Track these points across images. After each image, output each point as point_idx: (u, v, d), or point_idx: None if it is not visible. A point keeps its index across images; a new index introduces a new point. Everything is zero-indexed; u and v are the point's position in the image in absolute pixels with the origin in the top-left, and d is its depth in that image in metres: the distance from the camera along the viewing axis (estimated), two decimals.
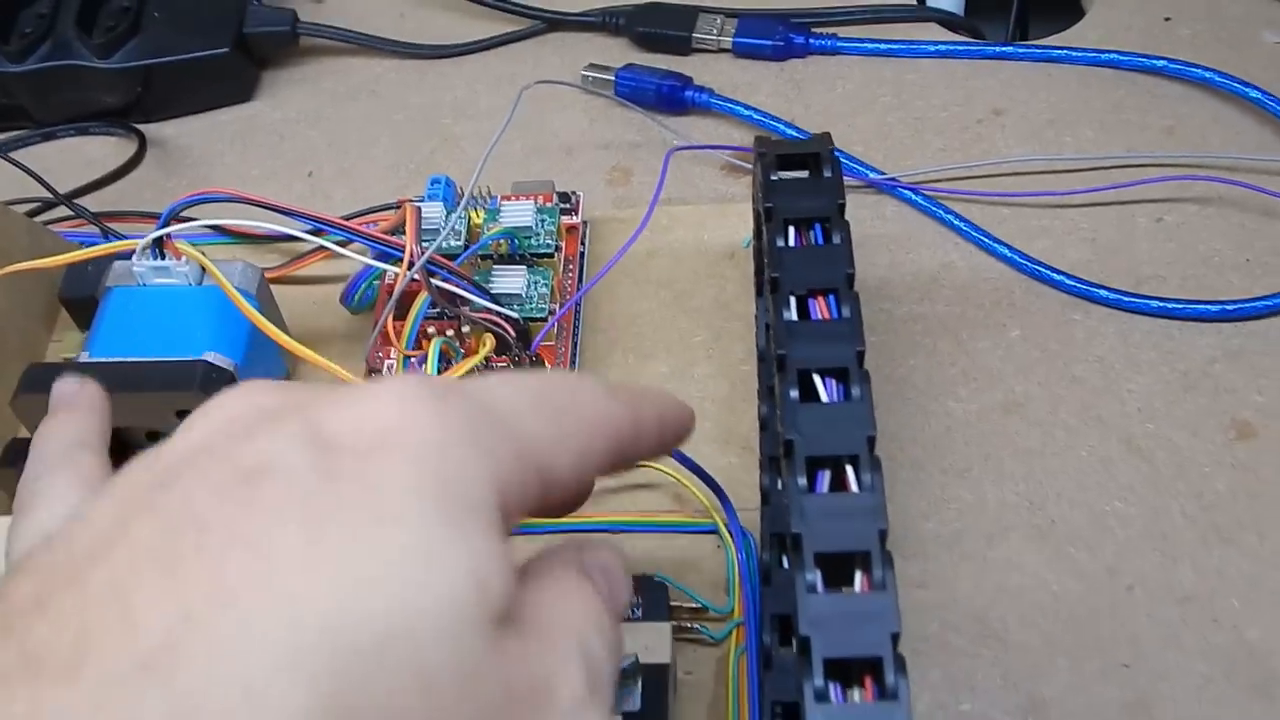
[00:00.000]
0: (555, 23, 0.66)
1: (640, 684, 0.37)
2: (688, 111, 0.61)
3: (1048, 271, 0.54)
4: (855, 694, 0.30)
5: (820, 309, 0.36)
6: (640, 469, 0.46)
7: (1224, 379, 0.51)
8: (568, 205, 0.52)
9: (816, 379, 0.34)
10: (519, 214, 0.50)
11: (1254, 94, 0.58)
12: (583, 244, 0.53)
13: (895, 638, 0.30)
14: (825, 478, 0.33)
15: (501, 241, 0.48)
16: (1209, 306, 0.52)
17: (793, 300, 0.37)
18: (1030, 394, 0.51)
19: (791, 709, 0.36)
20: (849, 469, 0.33)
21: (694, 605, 0.42)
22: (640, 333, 0.51)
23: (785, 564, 0.40)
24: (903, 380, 0.52)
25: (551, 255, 0.49)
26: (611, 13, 0.64)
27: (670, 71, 0.61)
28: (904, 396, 0.51)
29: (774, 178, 0.40)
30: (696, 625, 0.42)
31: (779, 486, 0.41)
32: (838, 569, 0.31)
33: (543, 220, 0.50)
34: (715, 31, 0.63)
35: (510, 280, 0.47)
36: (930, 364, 0.52)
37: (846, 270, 0.37)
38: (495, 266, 0.48)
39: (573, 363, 0.49)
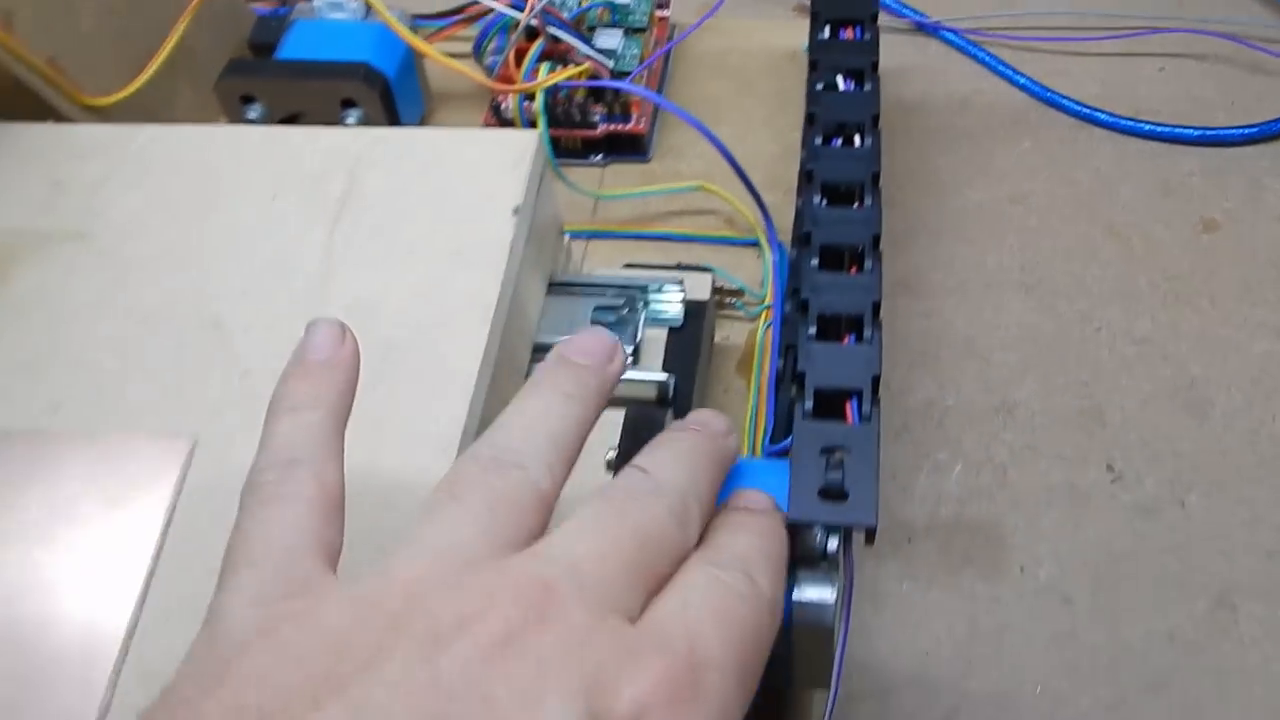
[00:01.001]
0: None
1: (683, 310, 0.46)
2: None
3: (1060, 98, 0.63)
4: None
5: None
6: (701, 192, 0.56)
7: (1198, 188, 0.60)
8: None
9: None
10: None
11: None
12: (670, 35, 0.63)
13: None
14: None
15: (605, 10, 0.58)
16: (1192, 131, 0.61)
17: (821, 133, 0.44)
18: (1034, 190, 0.60)
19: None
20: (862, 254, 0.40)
21: (734, 288, 0.52)
22: (710, 108, 0.61)
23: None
24: (930, 174, 0.61)
25: (643, 30, 0.59)
26: None
27: None
28: (929, 185, 0.61)
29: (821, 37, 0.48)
30: (734, 302, 0.52)
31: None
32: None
33: (640, 2, 0.60)
34: None
35: (610, 38, 0.58)
36: (954, 163, 0.62)
37: (872, 112, 0.44)
38: (600, 28, 0.59)
39: (653, 128, 0.59)
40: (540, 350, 0.45)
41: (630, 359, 0.44)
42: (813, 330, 0.39)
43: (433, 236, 0.42)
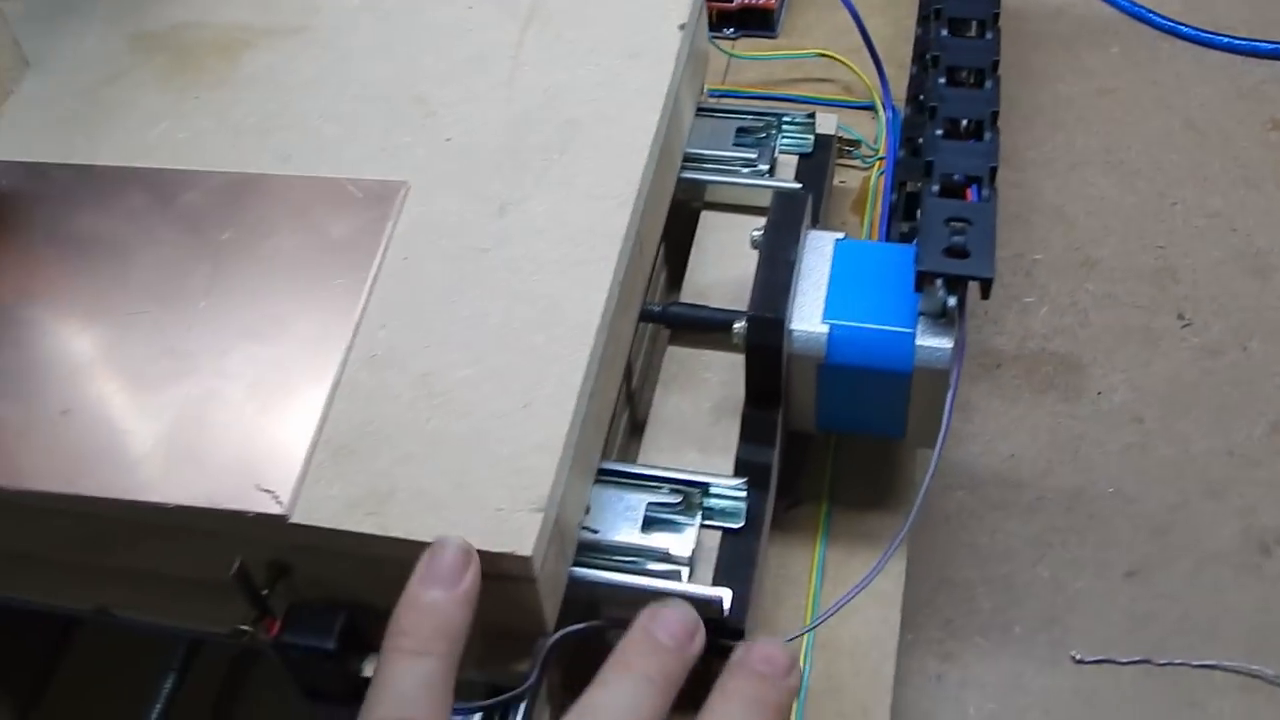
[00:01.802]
0: None
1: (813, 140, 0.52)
2: None
3: (1146, 12, 0.69)
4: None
5: None
6: (822, 62, 0.62)
7: (1269, 94, 0.65)
8: None
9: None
10: None
11: None
12: None
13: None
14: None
15: None
16: (1267, 44, 0.67)
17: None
18: (1119, 86, 0.66)
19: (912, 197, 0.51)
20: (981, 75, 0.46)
21: (852, 139, 0.58)
22: None
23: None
24: (1025, 68, 0.67)
25: None
26: None
27: None
28: (1025, 78, 0.66)
29: None
30: (851, 152, 0.58)
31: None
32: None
33: None
34: None
35: None
36: (1048, 60, 0.67)
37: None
38: None
39: (781, 5, 0.65)
40: (689, 161, 0.51)
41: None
42: (939, 131, 0.45)
43: (610, 41, 0.48)
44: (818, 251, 0.44)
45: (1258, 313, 0.56)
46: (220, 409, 0.38)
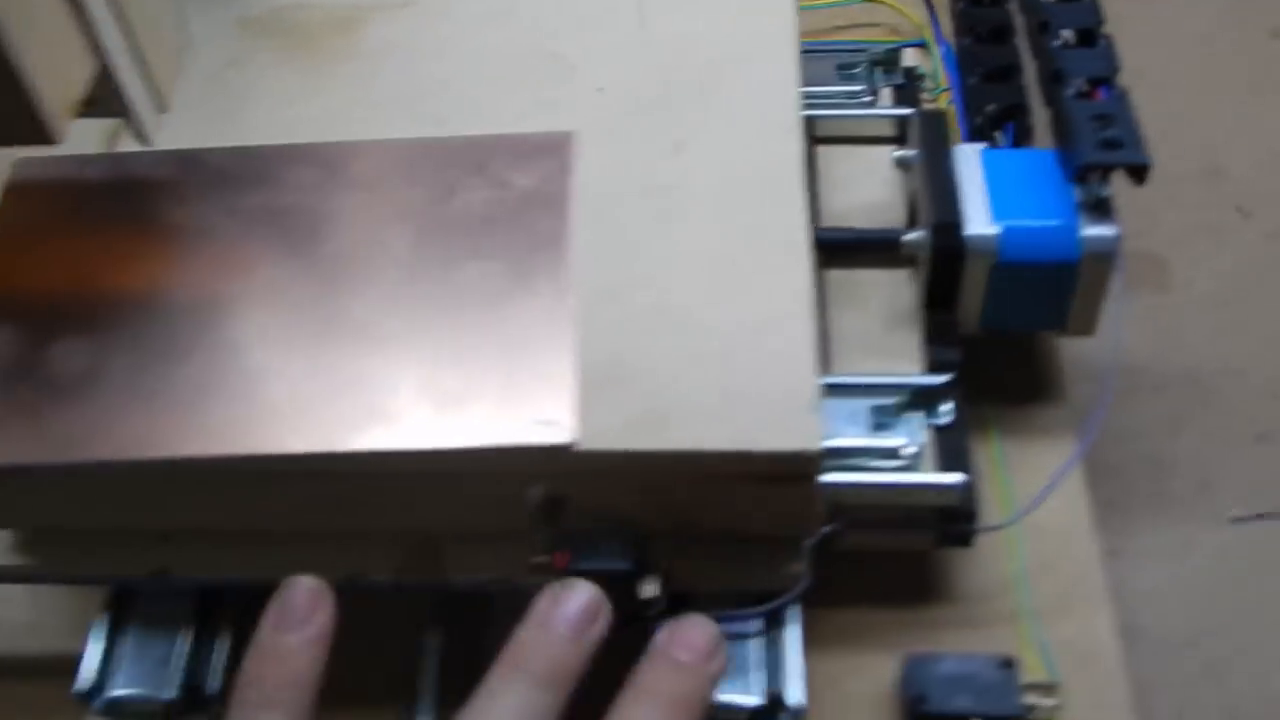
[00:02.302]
0: None
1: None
2: None
3: None
4: None
5: None
6: (866, 5, 0.64)
7: (1265, 3, 0.70)
8: None
9: None
10: None
11: None
12: None
13: None
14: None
15: None
16: None
17: None
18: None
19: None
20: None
21: (919, 73, 0.60)
22: None
23: None
24: None
25: None
26: None
27: None
28: None
29: None
30: (919, 84, 0.60)
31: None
32: None
33: None
34: None
35: None
36: None
37: None
38: None
39: None
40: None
41: None
42: (1057, 42, 0.48)
43: None
44: (968, 162, 0.46)
45: None
46: (470, 355, 0.38)
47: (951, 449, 0.42)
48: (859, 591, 0.44)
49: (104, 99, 0.37)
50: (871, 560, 0.43)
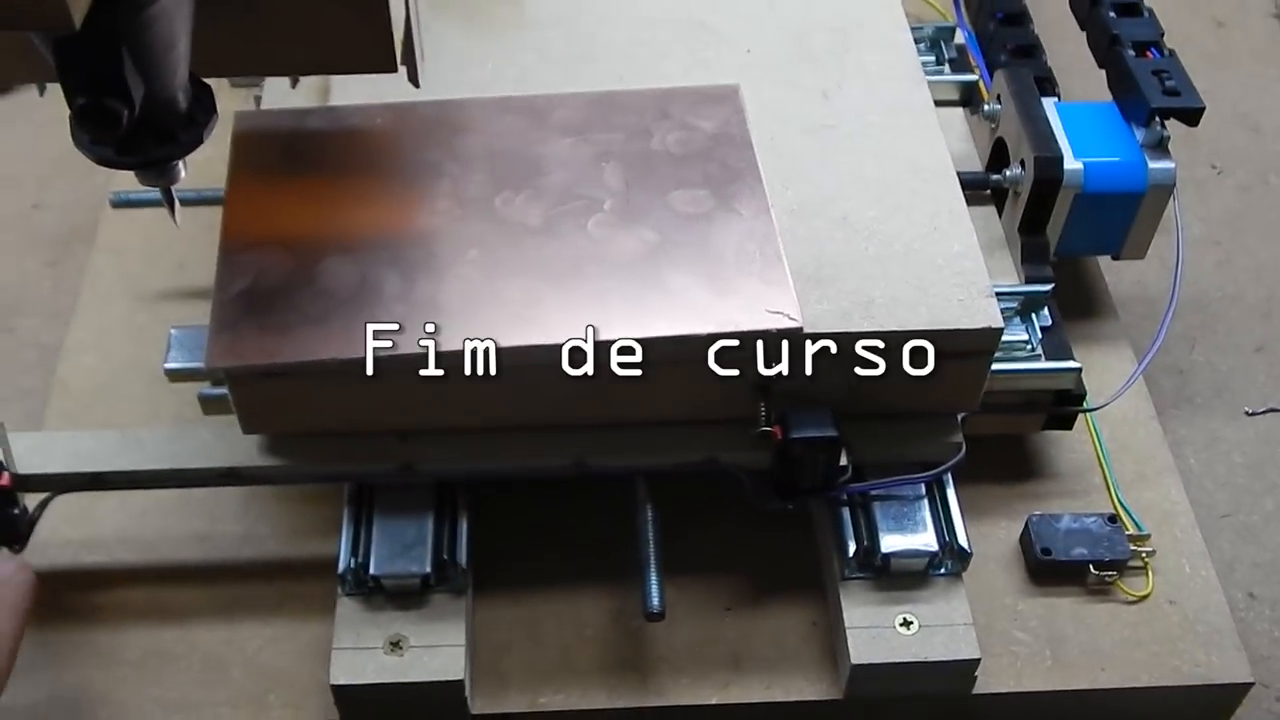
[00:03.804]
0: None
1: None
2: None
3: None
4: None
5: None
6: None
7: None
8: None
9: None
10: None
11: None
12: None
13: None
14: None
15: None
16: None
17: None
18: None
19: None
20: None
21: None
22: None
23: None
24: None
25: None
26: None
27: None
28: None
29: None
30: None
31: None
32: None
33: None
34: None
35: None
36: None
37: None
38: None
39: None
40: None
41: None
42: (1111, 12, 0.57)
43: None
44: (1049, 112, 0.55)
45: (1264, 158, 0.71)
46: (696, 264, 0.45)
47: (1055, 345, 0.51)
48: (975, 473, 0.51)
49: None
50: (981, 446, 0.51)
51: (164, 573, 0.50)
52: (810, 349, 0.44)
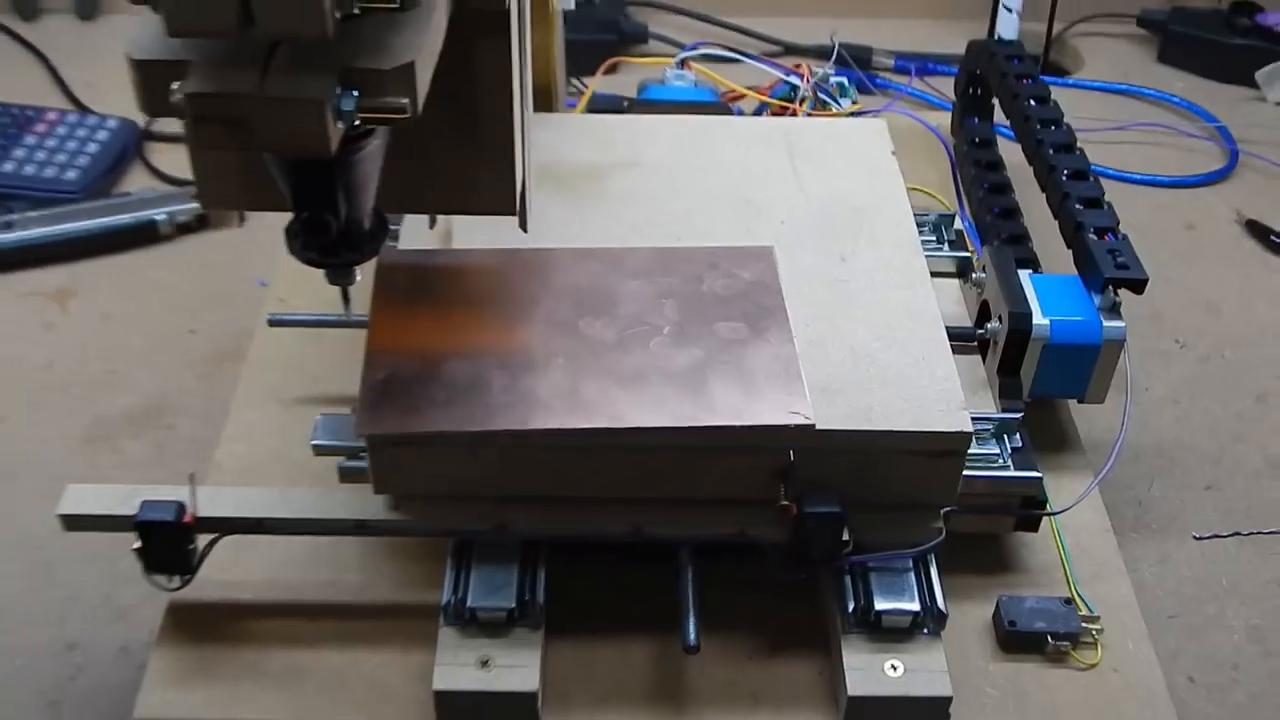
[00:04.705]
0: None
1: None
2: None
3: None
4: None
5: None
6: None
7: (1178, 205, 0.95)
8: None
9: None
10: None
11: None
12: None
13: None
14: None
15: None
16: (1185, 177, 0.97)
17: None
18: None
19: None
20: None
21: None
22: None
23: None
24: None
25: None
26: None
27: None
28: None
29: None
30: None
31: None
32: None
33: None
34: None
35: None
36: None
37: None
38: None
39: None
40: None
41: None
42: (1079, 205, 0.71)
43: (852, 162, 0.72)
44: (1024, 281, 0.68)
45: (1222, 336, 0.84)
46: (734, 376, 0.57)
47: (1023, 461, 0.63)
48: (958, 564, 0.63)
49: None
50: (964, 542, 0.62)
51: (298, 609, 0.62)
52: (815, 444, 0.56)
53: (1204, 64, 1.11)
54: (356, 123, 0.39)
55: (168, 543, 0.58)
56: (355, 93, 0.39)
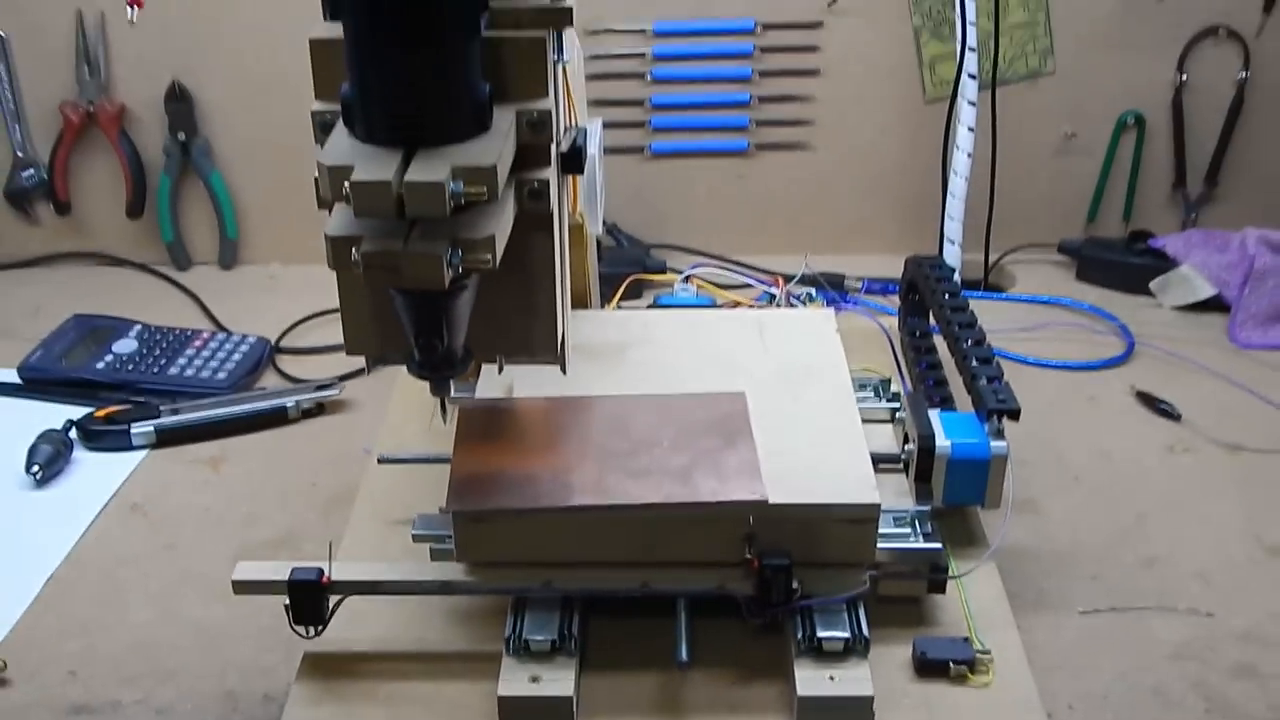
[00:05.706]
0: None
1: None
2: None
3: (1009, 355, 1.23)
4: None
5: None
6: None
7: (1092, 390, 1.19)
8: None
9: None
10: None
11: None
12: None
13: None
14: None
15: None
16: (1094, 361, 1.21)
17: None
18: None
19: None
20: None
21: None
22: None
23: None
24: None
25: None
26: None
27: None
28: None
29: None
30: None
31: None
32: None
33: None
34: None
35: None
36: None
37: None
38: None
39: None
40: None
41: None
42: (974, 362, 0.95)
43: (808, 338, 0.97)
44: (933, 417, 0.92)
45: (1114, 475, 1.06)
46: (713, 470, 0.81)
47: (930, 539, 0.85)
48: (886, 619, 0.83)
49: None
50: (891, 602, 0.83)
51: (400, 655, 0.83)
52: (767, 514, 0.79)
53: (1111, 279, 1.37)
54: (460, 269, 0.65)
55: (309, 599, 0.81)
56: (460, 251, 0.64)
